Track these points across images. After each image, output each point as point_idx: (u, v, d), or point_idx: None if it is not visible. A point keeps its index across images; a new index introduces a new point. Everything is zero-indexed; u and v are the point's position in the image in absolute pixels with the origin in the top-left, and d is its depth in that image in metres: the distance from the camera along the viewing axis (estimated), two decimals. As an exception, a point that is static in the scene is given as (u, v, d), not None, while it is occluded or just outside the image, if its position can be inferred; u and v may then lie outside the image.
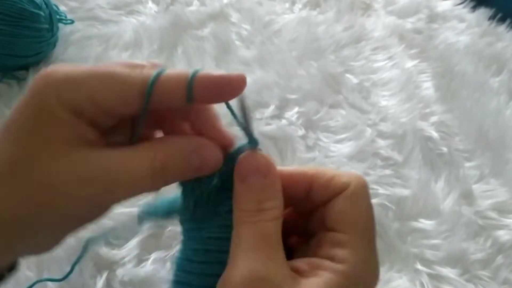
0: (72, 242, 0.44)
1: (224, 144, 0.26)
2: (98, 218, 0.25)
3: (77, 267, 0.43)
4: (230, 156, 0.25)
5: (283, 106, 0.60)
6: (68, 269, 0.42)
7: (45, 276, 0.42)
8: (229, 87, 0.24)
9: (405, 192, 0.53)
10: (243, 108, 0.24)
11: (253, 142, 0.25)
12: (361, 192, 0.25)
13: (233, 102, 0.25)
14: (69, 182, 0.22)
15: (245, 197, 0.24)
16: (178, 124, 0.27)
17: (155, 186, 0.23)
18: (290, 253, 0.26)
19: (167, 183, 0.24)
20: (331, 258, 0.23)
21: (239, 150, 0.26)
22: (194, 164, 0.24)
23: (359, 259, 0.22)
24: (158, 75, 0.23)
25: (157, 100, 0.23)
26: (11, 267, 0.27)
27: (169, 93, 0.23)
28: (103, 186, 0.22)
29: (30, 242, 0.23)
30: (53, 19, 0.61)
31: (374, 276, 0.23)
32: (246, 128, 0.25)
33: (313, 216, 0.26)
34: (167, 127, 0.27)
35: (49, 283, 0.41)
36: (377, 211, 0.51)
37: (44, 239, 0.24)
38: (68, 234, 0.25)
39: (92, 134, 0.23)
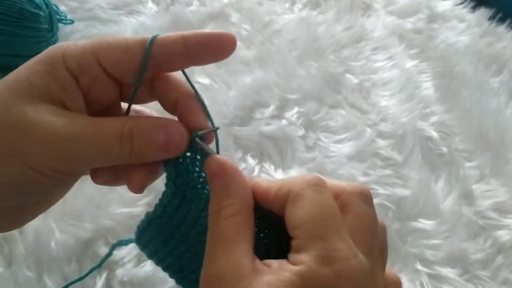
0: (72, 242, 0.44)
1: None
2: (63, 184, 0.26)
3: (77, 267, 0.43)
4: (192, 136, 0.27)
5: (283, 106, 0.60)
6: (68, 269, 0.42)
7: (45, 276, 0.42)
8: (219, 43, 0.26)
9: (405, 192, 0.53)
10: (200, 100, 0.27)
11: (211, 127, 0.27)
12: (301, 192, 0.25)
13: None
14: (37, 126, 0.23)
15: (211, 199, 0.26)
16: None
17: (121, 151, 0.24)
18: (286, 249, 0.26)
19: (134, 155, 0.25)
20: (292, 263, 0.23)
21: (198, 132, 0.27)
22: (160, 138, 0.25)
23: (312, 258, 0.22)
24: (158, 35, 0.26)
25: (157, 53, 0.25)
26: None
27: (169, 44, 0.25)
28: (70, 136, 0.23)
29: None
30: (53, 19, 0.61)
31: (337, 270, 0.22)
32: (206, 109, 0.27)
33: None
34: None
35: (49, 283, 0.41)
36: (377, 211, 0.51)
37: (8, 192, 0.24)
38: (29, 196, 0.25)
39: (78, 102, 0.25)
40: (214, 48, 0.26)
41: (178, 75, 0.28)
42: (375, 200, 0.51)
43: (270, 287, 0.22)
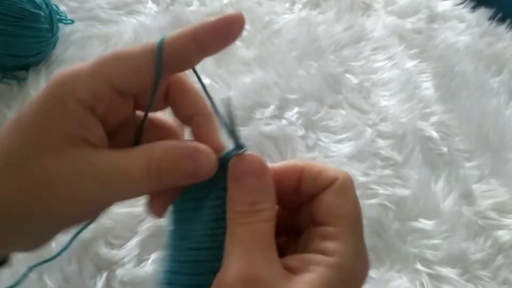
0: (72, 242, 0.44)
1: (219, 152, 0.26)
2: (92, 218, 0.26)
3: (77, 267, 0.43)
4: (222, 160, 0.26)
5: (283, 106, 0.60)
6: (68, 269, 0.43)
7: (45, 276, 0.42)
8: (229, 27, 0.25)
9: (405, 192, 0.53)
10: (230, 114, 0.24)
11: (240, 147, 0.25)
12: (348, 186, 0.25)
13: (221, 107, 0.25)
14: (62, 178, 0.22)
15: (239, 198, 0.24)
16: (179, 134, 0.28)
17: (149, 187, 0.24)
18: (279, 253, 0.26)
19: (161, 186, 0.24)
20: (322, 252, 0.23)
21: (229, 154, 0.25)
22: (189, 168, 0.24)
23: (349, 251, 0.23)
24: (163, 38, 0.24)
25: (169, 58, 0.24)
26: (2, 262, 0.27)
27: (179, 46, 0.24)
28: (97, 183, 0.23)
29: (21, 236, 0.24)
30: (53, 19, 0.61)
31: (365, 268, 0.24)
32: (233, 132, 0.25)
33: (301, 212, 0.27)
34: (168, 135, 0.28)
35: (49, 283, 0.41)
36: (377, 211, 0.51)
37: (35, 234, 0.24)
38: (59, 231, 0.25)
39: (98, 132, 0.24)
40: (225, 34, 0.25)
41: (193, 87, 0.28)
42: (375, 200, 0.51)
43: (311, 286, 0.21)
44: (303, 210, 0.26)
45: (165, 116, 0.29)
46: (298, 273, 0.22)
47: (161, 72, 0.24)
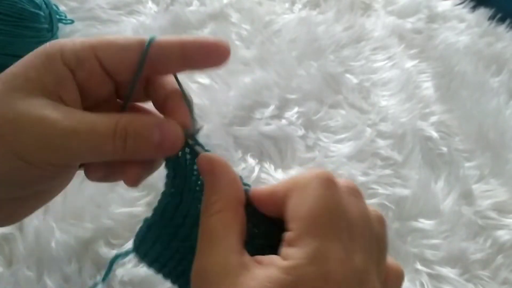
0: (72, 242, 0.44)
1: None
2: (55, 178, 0.26)
3: (77, 267, 0.43)
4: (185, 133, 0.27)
5: (283, 106, 0.60)
6: (68, 269, 0.43)
7: (45, 276, 0.42)
8: (216, 51, 0.27)
9: (405, 192, 0.53)
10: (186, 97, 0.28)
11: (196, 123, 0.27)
12: (309, 185, 0.24)
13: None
14: (30, 120, 0.23)
15: (203, 197, 0.26)
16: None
17: (114, 148, 0.24)
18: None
19: (128, 152, 0.25)
20: (283, 256, 0.23)
21: (190, 131, 0.27)
22: (155, 137, 0.25)
23: (302, 255, 0.22)
24: (155, 37, 0.26)
25: (153, 56, 0.25)
26: None
27: (165, 49, 0.26)
28: (63, 131, 0.23)
29: None
30: (53, 19, 0.61)
31: (325, 271, 0.22)
32: (190, 106, 0.28)
33: None
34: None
35: (49, 283, 0.41)
36: (377, 211, 0.51)
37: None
38: (22, 187, 0.25)
39: (73, 95, 0.25)
40: (210, 55, 0.27)
41: (168, 76, 0.29)
42: (375, 200, 0.51)
43: (255, 283, 0.21)
44: None
45: (148, 107, 0.30)
46: (256, 269, 0.23)
47: (144, 60, 0.25)
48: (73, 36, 0.67)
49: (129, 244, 0.45)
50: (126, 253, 0.33)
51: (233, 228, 0.24)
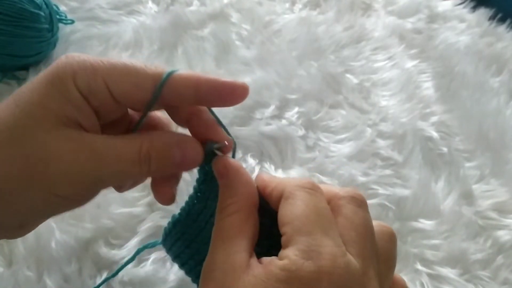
0: (72, 242, 0.44)
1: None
2: (83, 201, 0.27)
3: (77, 267, 0.43)
4: (207, 150, 0.28)
5: (283, 106, 0.60)
6: (68, 269, 0.42)
7: (45, 276, 0.42)
8: (232, 94, 0.27)
9: (405, 192, 0.53)
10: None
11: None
12: (294, 193, 0.26)
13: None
14: (57, 153, 0.23)
15: (218, 200, 0.27)
16: (169, 125, 0.31)
17: (140, 171, 0.25)
18: None
19: (152, 171, 0.26)
20: (279, 258, 0.24)
21: (211, 145, 0.28)
22: (176, 156, 0.26)
23: (296, 252, 0.23)
24: (172, 71, 0.26)
25: (167, 93, 0.26)
26: None
27: (180, 87, 0.26)
28: (91, 161, 0.24)
29: (8, 212, 0.24)
30: (53, 19, 0.61)
31: (321, 264, 0.22)
32: (220, 121, 0.29)
33: None
34: (158, 127, 0.31)
35: (49, 283, 0.41)
36: (377, 211, 0.51)
37: (22, 213, 0.25)
38: (46, 214, 0.26)
39: (92, 120, 0.25)
40: (225, 97, 0.27)
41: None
42: (375, 200, 0.51)
43: (256, 281, 0.22)
44: None
45: (161, 114, 0.31)
46: (257, 268, 0.24)
47: (156, 99, 0.26)
48: (74, 36, 0.67)
49: (130, 244, 0.45)
50: (154, 244, 0.34)
51: (245, 229, 0.25)
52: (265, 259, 0.24)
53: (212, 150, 0.28)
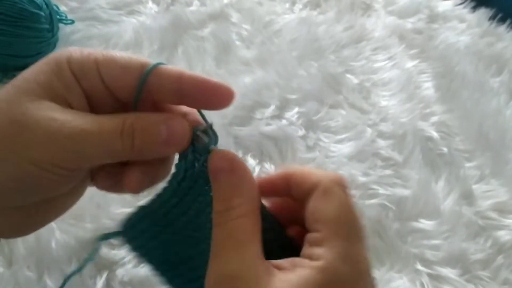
0: (72, 242, 0.44)
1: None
2: (68, 180, 0.26)
3: (77, 267, 0.43)
4: (195, 130, 0.26)
5: (283, 106, 0.60)
6: (68, 269, 0.43)
7: (45, 276, 0.42)
8: (215, 94, 0.26)
9: (405, 192, 0.53)
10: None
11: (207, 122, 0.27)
12: (332, 189, 0.25)
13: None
14: (39, 121, 0.23)
15: (215, 197, 0.25)
16: None
17: (123, 146, 0.24)
18: (290, 245, 0.26)
19: (136, 150, 0.24)
20: (309, 257, 0.23)
21: (196, 128, 0.26)
22: (162, 132, 0.25)
23: (334, 255, 0.23)
24: (160, 63, 0.25)
25: (152, 83, 0.25)
26: None
27: (163, 79, 0.25)
28: (71, 131, 0.23)
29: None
30: (54, 19, 0.62)
31: (354, 270, 0.23)
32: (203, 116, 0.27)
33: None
34: None
35: (49, 283, 0.41)
36: (377, 211, 0.51)
37: (7, 184, 0.24)
38: (36, 192, 0.25)
39: (81, 103, 0.25)
40: (208, 96, 0.26)
41: None
42: (375, 200, 0.51)
43: (290, 286, 0.22)
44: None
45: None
46: (284, 272, 0.23)
47: (142, 86, 0.25)
48: (74, 36, 0.67)
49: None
50: (114, 235, 0.32)
51: (256, 232, 0.24)
52: (282, 262, 0.23)
53: (196, 132, 0.26)
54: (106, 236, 0.32)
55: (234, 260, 0.23)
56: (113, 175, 0.27)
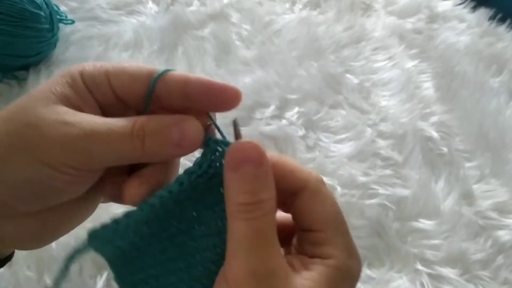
0: (72, 242, 0.44)
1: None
2: (81, 182, 0.26)
3: (77, 267, 0.43)
4: (208, 137, 0.26)
5: (283, 106, 0.60)
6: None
7: (46, 276, 0.42)
8: (221, 96, 0.26)
9: (405, 192, 0.53)
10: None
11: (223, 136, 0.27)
12: (321, 189, 0.25)
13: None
14: (51, 123, 0.24)
15: (238, 189, 0.23)
16: None
17: (133, 147, 0.24)
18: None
19: (146, 152, 0.24)
20: (319, 256, 0.24)
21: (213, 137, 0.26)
22: (174, 135, 0.24)
23: (343, 252, 0.24)
24: (168, 70, 0.26)
25: (160, 88, 0.26)
26: (6, 258, 0.28)
27: (170, 84, 0.26)
28: (82, 133, 0.23)
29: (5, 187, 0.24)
30: (54, 19, 0.62)
31: (358, 263, 0.25)
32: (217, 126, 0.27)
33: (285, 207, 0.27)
34: None
35: (49, 282, 0.41)
36: (377, 211, 0.51)
37: (22, 187, 0.24)
38: (51, 196, 0.25)
39: (95, 109, 0.26)
40: (215, 98, 0.26)
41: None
42: (375, 200, 0.51)
43: (316, 284, 0.23)
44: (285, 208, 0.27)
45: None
46: (299, 271, 0.23)
47: (151, 94, 0.26)
48: (74, 36, 0.67)
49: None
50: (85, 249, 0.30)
51: (276, 232, 0.24)
52: (292, 261, 0.24)
53: (210, 138, 0.25)
54: (76, 254, 0.29)
55: (266, 259, 0.22)
56: (116, 185, 0.27)
